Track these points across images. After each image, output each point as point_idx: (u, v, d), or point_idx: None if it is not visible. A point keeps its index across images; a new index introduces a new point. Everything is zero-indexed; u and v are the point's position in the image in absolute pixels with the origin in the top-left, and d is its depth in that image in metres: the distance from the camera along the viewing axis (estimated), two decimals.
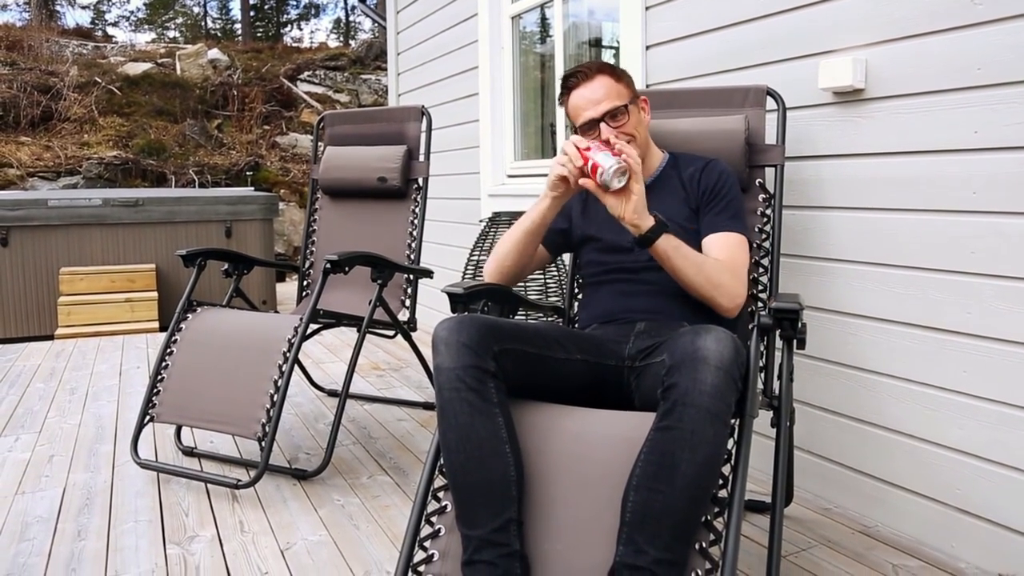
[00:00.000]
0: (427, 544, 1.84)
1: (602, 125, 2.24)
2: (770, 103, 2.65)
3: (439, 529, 1.85)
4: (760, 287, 2.54)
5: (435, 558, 1.80)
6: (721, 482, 1.68)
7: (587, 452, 1.80)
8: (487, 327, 1.85)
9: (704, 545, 1.63)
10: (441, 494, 1.91)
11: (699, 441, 1.59)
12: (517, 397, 1.93)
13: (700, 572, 1.61)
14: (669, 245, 2.06)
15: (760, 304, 2.53)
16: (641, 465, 1.65)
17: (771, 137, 2.65)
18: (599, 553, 1.67)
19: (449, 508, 1.87)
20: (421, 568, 1.81)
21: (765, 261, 2.54)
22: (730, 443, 1.70)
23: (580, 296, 2.62)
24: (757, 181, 2.61)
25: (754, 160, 2.62)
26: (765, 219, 2.57)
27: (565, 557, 1.71)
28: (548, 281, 3.80)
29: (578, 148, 2.05)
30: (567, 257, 3.80)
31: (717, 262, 2.17)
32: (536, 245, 2.33)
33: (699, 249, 2.23)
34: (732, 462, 1.72)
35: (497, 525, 1.72)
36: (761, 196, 2.59)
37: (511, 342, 1.89)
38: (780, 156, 2.60)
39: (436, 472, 1.94)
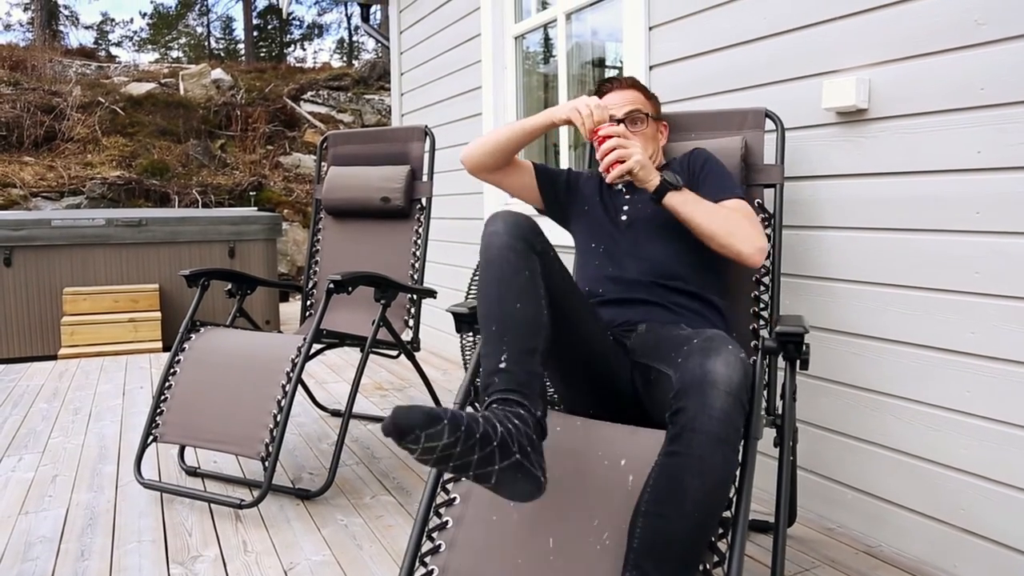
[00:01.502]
0: (427, 560, 1.84)
1: (621, 126, 2.31)
2: (769, 124, 2.67)
3: (439, 545, 1.85)
4: (761, 305, 2.55)
5: (435, 574, 1.80)
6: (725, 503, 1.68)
7: (589, 474, 1.80)
8: (535, 227, 1.92)
9: (708, 567, 1.62)
10: (443, 510, 1.91)
11: (708, 467, 1.58)
12: None
13: (707, 564, 1.61)
14: (675, 200, 2.20)
15: (762, 322, 2.54)
16: (650, 491, 1.64)
17: (771, 158, 2.68)
18: (602, 573, 1.66)
19: (450, 524, 1.86)
20: (427, 559, 1.80)
21: (766, 280, 2.55)
22: None
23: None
24: (756, 201, 2.63)
25: (752, 179, 2.65)
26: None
27: (567, 572, 1.70)
28: None
29: (594, 126, 2.24)
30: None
31: (729, 211, 2.24)
32: (516, 152, 2.48)
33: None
34: (736, 483, 1.72)
35: (524, 348, 1.75)
36: (760, 216, 2.59)
37: (551, 252, 1.96)
38: (779, 176, 2.63)
39: (439, 488, 1.93)
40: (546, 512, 1.79)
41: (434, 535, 1.88)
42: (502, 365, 1.71)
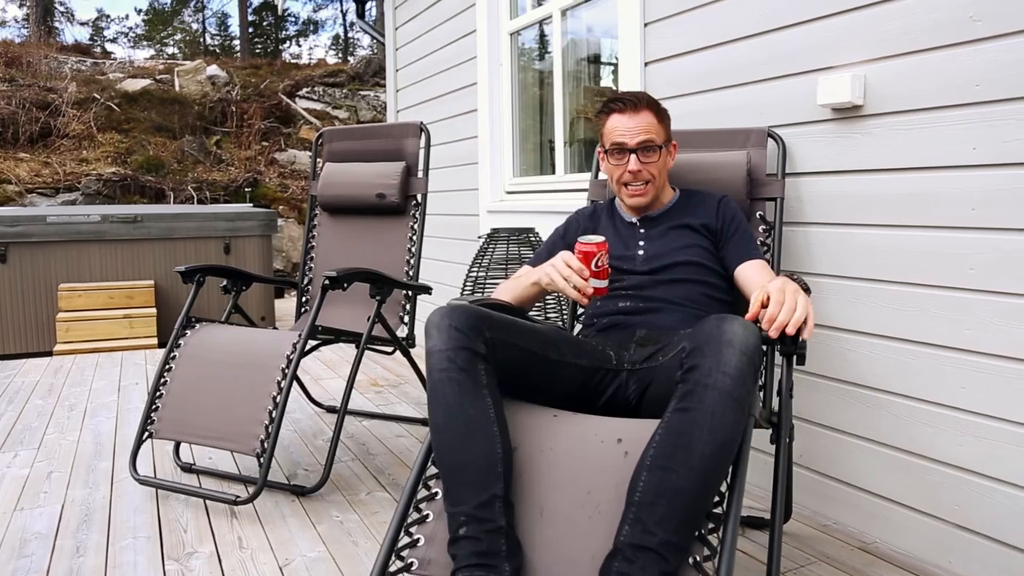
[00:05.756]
0: (412, 529, 1.82)
1: (632, 156, 2.36)
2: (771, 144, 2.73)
3: (427, 515, 1.83)
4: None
5: (420, 543, 1.78)
6: (717, 499, 1.66)
7: (583, 450, 1.80)
8: (479, 315, 1.87)
9: (699, 559, 1.61)
10: (432, 482, 1.89)
11: (719, 423, 1.57)
12: (506, 394, 1.94)
13: (698, 557, 1.59)
14: None
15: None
16: (656, 446, 1.62)
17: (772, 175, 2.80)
18: (594, 542, 1.65)
19: (439, 495, 1.85)
20: (404, 552, 1.78)
21: None
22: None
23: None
24: (758, 213, 2.79)
25: (755, 193, 2.80)
26: (765, 248, 2.71)
27: (557, 544, 1.69)
28: (547, 299, 3.80)
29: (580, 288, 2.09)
30: None
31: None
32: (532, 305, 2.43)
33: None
34: (728, 474, 1.70)
35: (482, 500, 1.69)
36: (762, 227, 2.76)
37: (504, 333, 1.91)
38: (780, 190, 2.77)
39: (428, 463, 1.92)
40: (536, 484, 1.78)
41: (422, 505, 1.86)
42: (462, 532, 1.68)
